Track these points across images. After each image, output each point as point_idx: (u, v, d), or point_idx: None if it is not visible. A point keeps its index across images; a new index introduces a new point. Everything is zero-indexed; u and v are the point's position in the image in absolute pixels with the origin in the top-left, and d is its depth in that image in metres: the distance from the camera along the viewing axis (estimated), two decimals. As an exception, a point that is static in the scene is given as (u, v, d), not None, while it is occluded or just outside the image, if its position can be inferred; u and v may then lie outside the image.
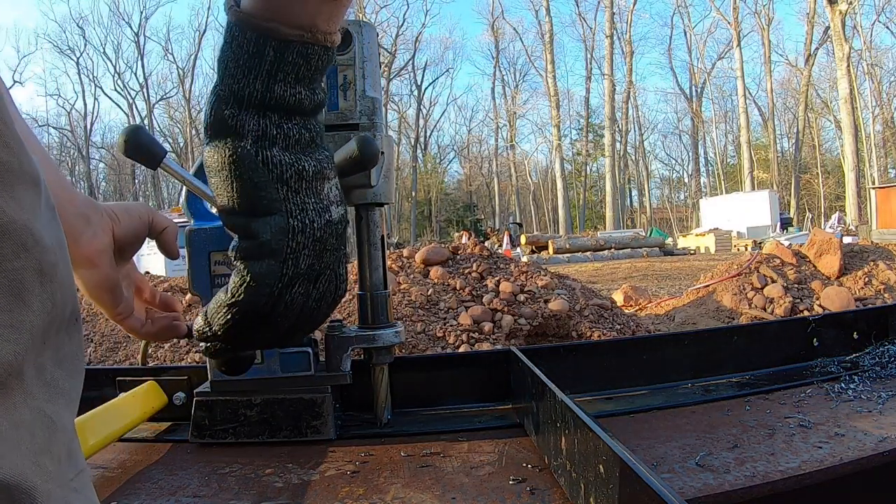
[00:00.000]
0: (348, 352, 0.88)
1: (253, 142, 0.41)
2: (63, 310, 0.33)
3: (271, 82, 0.41)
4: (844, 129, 25.92)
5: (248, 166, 0.41)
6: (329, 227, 0.44)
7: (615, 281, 9.32)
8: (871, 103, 33.56)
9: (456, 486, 0.67)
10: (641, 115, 45.52)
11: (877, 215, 20.19)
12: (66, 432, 0.32)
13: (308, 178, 0.43)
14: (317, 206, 0.43)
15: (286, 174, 0.42)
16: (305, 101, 0.42)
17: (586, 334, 3.75)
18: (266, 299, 0.42)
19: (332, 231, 0.44)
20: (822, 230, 7.38)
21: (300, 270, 0.42)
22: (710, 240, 20.35)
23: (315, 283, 0.44)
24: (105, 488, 0.71)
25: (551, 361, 0.99)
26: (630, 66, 39.48)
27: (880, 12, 33.54)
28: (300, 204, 0.42)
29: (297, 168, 0.42)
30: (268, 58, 0.40)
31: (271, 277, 0.42)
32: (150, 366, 1.03)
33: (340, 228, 0.45)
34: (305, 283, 0.43)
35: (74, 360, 0.35)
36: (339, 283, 0.46)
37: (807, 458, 0.68)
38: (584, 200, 44.48)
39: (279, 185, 0.41)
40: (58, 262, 0.32)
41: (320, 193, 0.44)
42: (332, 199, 0.45)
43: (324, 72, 0.43)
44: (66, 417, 0.32)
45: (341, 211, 0.45)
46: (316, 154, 0.44)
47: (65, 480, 0.31)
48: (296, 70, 0.41)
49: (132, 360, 3.93)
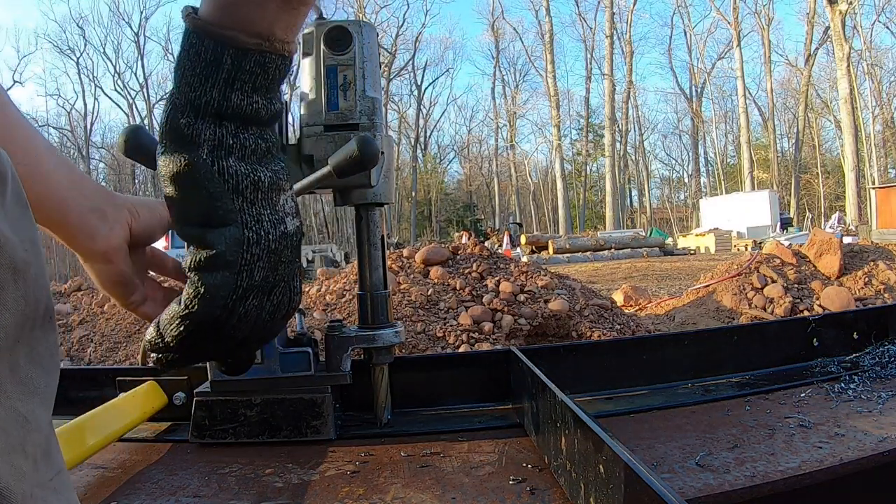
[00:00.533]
0: (348, 352, 0.88)
1: (209, 151, 0.40)
2: (36, 307, 0.33)
3: (228, 91, 0.40)
4: (844, 129, 25.93)
5: (203, 176, 0.40)
6: (284, 239, 0.43)
7: (615, 281, 9.32)
8: (871, 103, 33.56)
9: (456, 486, 0.67)
10: (641, 115, 45.53)
11: (877, 215, 20.19)
12: (41, 431, 0.31)
13: (264, 188, 0.42)
14: (272, 217, 0.42)
15: (242, 185, 0.41)
16: (262, 111, 0.42)
17: (586, 334, 3.75)
18: (220, 311, 0.42)
19: (288, 243, 0.43)
20: (822, 230, 7.39)
21: (254, 282, 0.42)
22: (710, 240, 20.34)
23: (269, 295, 0.43)
24: (105, 488, 0.71)
25: (551, 361, 0.99)
26: (630, 66, 39.50)
27: (880, 12, 33.55)
28: (256, 215, 0.42)
29: (253, 178, 0.41)
30: (225, 66, 0.39)
31: (225, 289, 0.41)
32: (151, 366, 1.03)
33: (296, 241, 0.44)
34: (260, 295, 0.43)
35: (49, 358, 0.34)
36: (293, 295, 0.46)
37: (807, 458, 0.68)
38: (584, 200, 44.47)
39: (235, 196, 0.41)
40: (30, 260, 0.32)
41: (276, 205, 0.43)
42: (288, 211, 0.44)
43: (281, 81, 0.43)
44: (42, 416, 0.32)
45: (297, 223, 0.45)
46: (272, 165, 0.43)
47: (43, 481, 0.31)
48: (253, 79, 0.41)
49: (132, 360, 3.93)
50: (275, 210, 0.43)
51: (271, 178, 0.43)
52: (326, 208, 36.77)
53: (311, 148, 0.86)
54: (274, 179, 0.43)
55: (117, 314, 4.50)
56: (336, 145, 0.84)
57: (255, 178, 0.42)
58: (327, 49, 0.85)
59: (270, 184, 0.42)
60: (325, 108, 0.86)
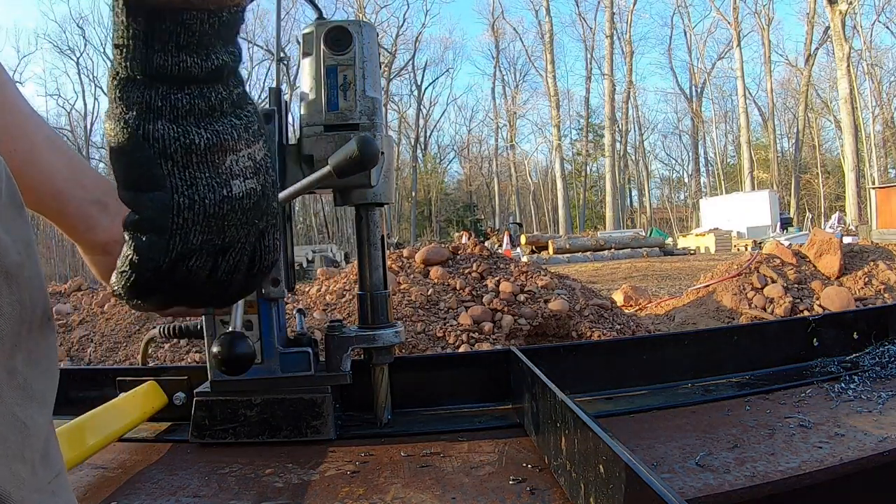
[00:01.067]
0: (348, 352, 0.88)
1: (136, 115, 0.39)
2: (33, 310, 0.32)
3: (149, 52, 0.38)
4: (844, 129, 25.93)
5: (129, 141, 0.39)
6: (228, 203, 0.41)
7: (615, 281, 9.32)
8: (871, 103, 33.56)
9: (456, 486, 0.67)
10: (641, 115, 45.53)
11: (877, 215, 20.19)
12: (39, 436, 0.31)
13: (199, 151, 0.40)
14: (211, 181, 0.40)
15: (170, 149, 0.39)
16: (194, 69, 0.39)
17: (586, 334, 3.75)
18: (150, 273, 0.41)
19: (236, 206, 0.42)
20: (822, 230, 7.39)
21: (192, 246, 0.41)
22: (710, 240, 20.34)
23: (222, 255, 0.42)
24: (105, 488, 0.71)
25: (551, 361, 0.99)
26: (630, 66, 39.50)
27: (880, 12, 33.56)
28: (188, 179, 0.40)
29: (185, 142, 0.39)
30: (140, 28, 0.38)
31: (155, 252, 0.40)
32: (150, 366, 1.04)
33: (247, 203, 0.42)
34: (204, 256, 0.42)
35: (48, 361, 0.34)
36: (260, 254, 0.45)
37: (807, 458, 0.68)
38: (584, 200, 44.47)
39: (163, 161, 0.39)
40: (23, 262, 0.31)
41: (218, 167, 0.41)
42: (237, 172, 0.42)
43: (219, 35, 0.40)
44: (40, 420, 0.32)
45: (250, 184, 0.43)
46: (214, 125, 0.41)
47: (42, 485, 0.31)
48: (174, 38, 0.38)
49: (132, 360, 3.93)
50: (216, 173, 0.41)
51: (210, 140, 0.40)
52: (326, 208, 36.76)
53: (311, 148, 0.86)
54: (214, 141, 0.40)
55: (117, 314, 4.50)
56: (336, 145, 0.84)
57: (188, 140, 0.39)
58: (327, 49, 0.85)
59: (209, 146, 0.40)
60: (325, 108, 0.86)
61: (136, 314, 4.40)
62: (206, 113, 0.41)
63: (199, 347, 3.69)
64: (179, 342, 3.79)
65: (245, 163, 0.43)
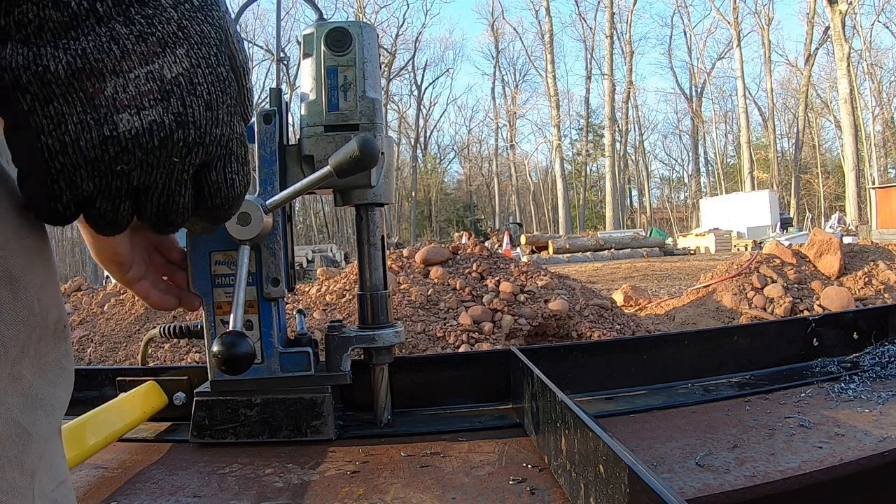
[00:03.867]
0: (348, 352, 0.88)
1: None
2: (44, 316, 0.31)
3: None
4: (844, 129, 25.93)
5: None
6: (114, 144, 0.32)
7: (615, 281, 9.32)
8: (871, 103, 33.57)
9: (456, 486, 0.67)
10: (641, 115, 45.51)
11: (877, 215, 20.19)
12: (42, 443, 0.30)
13: (60, 80, 0.30)
14: (84, 117, 0.31)
15: (22, 79, 0.30)
16: None
17: (586, 334, 3.75)
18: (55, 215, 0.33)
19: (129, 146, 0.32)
20: (822, 230, 7.38)
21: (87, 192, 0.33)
22: (710, 240, 20.34)
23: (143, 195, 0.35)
24: (105, 488, 0.71)
25: (551, 361, 0.99)
26: (630, 66, 39.49)
27: (880, 12, 33.55)
28: (53, 117, 0.31)
29: (36, 69, 0.30)
30: None
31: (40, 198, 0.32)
32: (150, 366, 1.04)
33: (147, 141, 0.33)
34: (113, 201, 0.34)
35: (59, 369, 0.33)
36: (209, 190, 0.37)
37: (807, 458, 0.68)
38: (584, 200, 44.47)
39: (20, 94, 0.30)
40: (33, 266, 0.30)
41: (93, 99, 0.31)
42: (124, 103, 0.32)
43: None
44: (45, 427, 0.31)
45: (152, 115, 0.33)
46: (81, 41, 0.31)
47: (44, 492, 0.30)
48: None
49: (132, 360, 3.93)
50: (91, 106, 0.31)
51: (71, 64, 0.30)
52: (326, 208, 36.77)
53: (311, 148, 0.86)
54: (78, 64, 0.30)
55: (117, 314, 4.51)
56: (336, 146, 0.84)
57: (42, 66, 0.30)
58: (328, 50, 0.85)
59: (72, 71, 0.30)
60: (326, 108, 0.86)
61: (136, 314, 4.41)
62: (65, 25, 0.30)
63: (199, 347, 3.69)
64: (179, 342, 3.79)
65: (142, 86, 0.32)
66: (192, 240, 0.86)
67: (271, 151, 0.86)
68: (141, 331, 4.27)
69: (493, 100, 46.82)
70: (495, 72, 45.97)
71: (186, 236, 0.86)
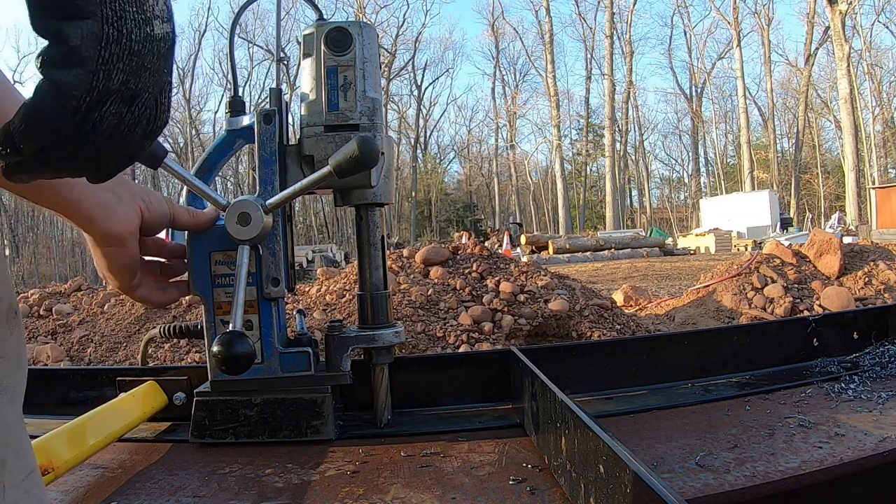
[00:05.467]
0: (348, 352, 0.88)
1: None
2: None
3: None
4: (844, 129, 25.93)
5: None
6: (149, 42, 0.39)
7: (615, 281, 9.32)
8: (871, 103, 33.56)
9: (456, 486, 0.67)
10: (641, 115, 45.49)
11: (877, 215, 20.20)
12: (10, 432, 0.30)
13: None
14: (137, 16, 0.38)
15: None
16: None
17: (586, 334, 3.75)
18: (72, 113, 0.38)
19: (153, 47, 0.40)
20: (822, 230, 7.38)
21: (112, 86, 0.39)
22: (710, 240, 20.34)
23: (130, 104, 0.40)
24: (105, 488, 0.71)
25: (551, 361, 0.99)
26: (630, 66, 39.49)
27: (880, 12, 33.55)
28: (118, 10, 0.37)
29: None
30: None
31: (78, 88, 0.37)
32: (150, 366, 1.04)
33: (163, 47, 0.41)
34: (118, 102, 0.40)
35: (16, 355, 0.33)
36: (159, 111, 0.43)
37: (807, 458, 0.68)
38: (584, 200, 44.47)
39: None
40: None
41: (143, 3, 0.39)
42: (157, 13, 0.40)
43: None
44: (10, 415, 0.31)
45: (167, 28, 0.41)
46: None
47: (15, 482, 0.30)
48: None
49: (132, 360, 3.93)
50: (141, 9, 0.39)
51: None
52: (326, 208, 36.77)
53: (311, 148, 0.86)
54: None
55: (117, 314, 4.51)
56: (336, 146, 0.84)
57: None
58: (328, 50, 0.85)
59: None
60: (326, 108, 0.86)
61: (136, 314, 4.41)
62: None
63: (199, 347, 3.69)
64: (179, 342, 3.79)
65: (161, 6, 0.41)
66: (192, 240, 0.86)
67: (271, 151, 0.86)
68: (141, 331, 4.27)
69: (493, 100, 46.87)
70: (495, 72, 46.00)
71: (186, 236, 0.86)
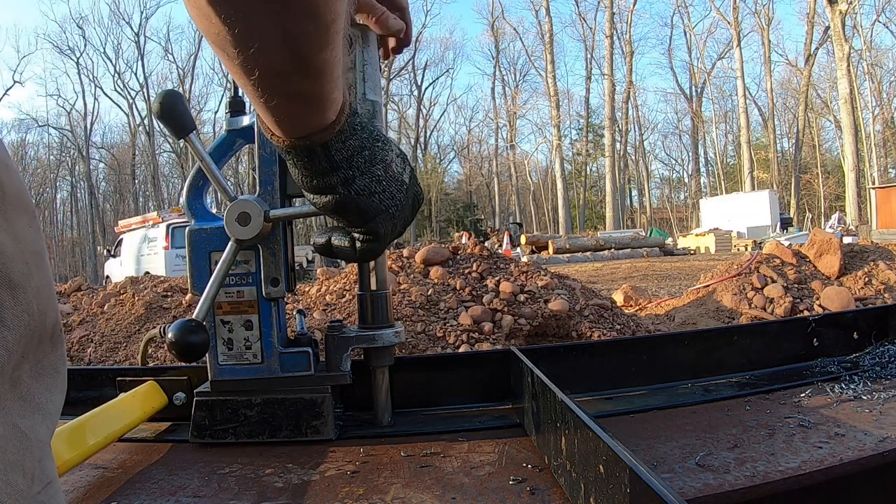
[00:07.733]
0: (348, 352, 0.88)
1: (342, 184, 0.59)
2: (43, 321, 0.32)
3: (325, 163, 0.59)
4: (844, 129, 25.92)
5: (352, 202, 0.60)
6: (405, 192, 0.64)
7: (615, 281, 9.32)
8: (871, 103, 33.55)
9: (456, 486, 0.67)
10: (641, 115, 45.50)
11: (877, 215, 20.20)
12: (39, 447, 0.31)
13: (389, 176, 0.61)
14: (399, 192, 0.63)
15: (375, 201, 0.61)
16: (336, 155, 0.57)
17: (586, 334, 3.75)
18: (379, 253, 0.68)
19: (406, 191, 0.65)
20: (822, 230, 7.38)
21: (390, 231, 0.65)
22: (710, 240, 20.34)
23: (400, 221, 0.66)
24: (105, 488, 0.71)
25: (551, 361, 0.99)
26: (630, 66, 39.47)
27: (880, 12, 33.54)
28: (396, 201, 0.63)
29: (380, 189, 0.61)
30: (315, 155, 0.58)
31: (380, 248, 0.66)
32: (150, 366, 1.04)
33: (408, 183, 0.65)
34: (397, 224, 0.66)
35: (54, 373, 0.34)
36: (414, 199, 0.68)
37: (807, 458, 0.68)
38: (584, 200, 44.46)
39: (374, 197, 0.60)
40: (31, 272, 0.31)
41: (399, 178, 0.63)
42: (403, 171, 0.64)
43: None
44: (42, 431, 0.31)
45: (409, 170, 0.66)
46: (381, 154, 0.61)
47: (33, 493, 0.30)
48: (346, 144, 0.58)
49: (132, 360, 3.93)
50: (400, 185, 0.63)
51: (388, 166, 0.61)
52: (326, 208, 36.54)
53: (311, 148, 0.86)
54: (387, 164, 0.61)
55: (117, 314, 4.51)
56: (336, 145, 0.84)
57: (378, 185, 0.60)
58: (327, 49, 0.85)
59: (390, 175, 0.62)
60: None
61: (136, 314, 4.41)
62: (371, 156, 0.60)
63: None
64: (179, 342, 3.78)
65: (400, 163, 0.65)
66: (191, 240, 0.86)
67: (271, 151, 0.86)
68: (141, 331, 4.27)
69: (493, 100, 46.88)
70: (495, 72, 46.01)
71: (186, 237, 0.86)
